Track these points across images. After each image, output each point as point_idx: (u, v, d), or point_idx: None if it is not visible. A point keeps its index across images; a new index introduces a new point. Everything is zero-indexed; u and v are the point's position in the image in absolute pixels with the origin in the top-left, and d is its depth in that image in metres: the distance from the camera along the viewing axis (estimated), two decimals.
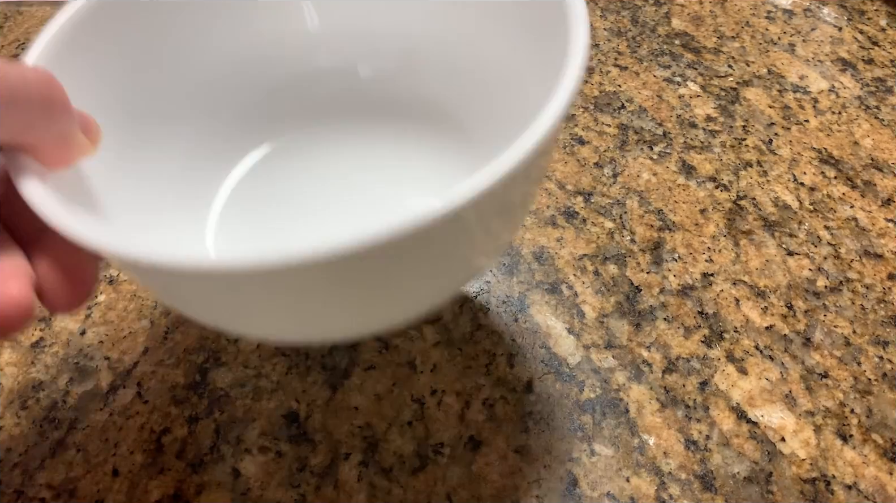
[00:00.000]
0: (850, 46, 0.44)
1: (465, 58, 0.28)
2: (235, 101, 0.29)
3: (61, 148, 0.19)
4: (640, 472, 0.24)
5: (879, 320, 0.29)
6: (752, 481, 0.24)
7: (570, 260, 0.31)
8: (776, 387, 0.26)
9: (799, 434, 0.25)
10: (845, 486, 0.23)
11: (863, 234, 0.32)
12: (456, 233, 0.18)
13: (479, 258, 0.21)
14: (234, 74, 0.29)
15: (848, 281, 0.30)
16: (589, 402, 0.26)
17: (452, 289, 0.22)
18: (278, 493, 0.23)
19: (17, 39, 0.47)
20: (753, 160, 0.36)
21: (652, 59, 0.43)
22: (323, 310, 0.19)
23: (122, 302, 0.30)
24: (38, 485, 0.24)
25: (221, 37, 0.28)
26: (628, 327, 0.28)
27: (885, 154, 0.36)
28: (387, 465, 0.24)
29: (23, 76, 0.16)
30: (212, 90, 0.28)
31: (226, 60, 0.28)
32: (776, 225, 0.33)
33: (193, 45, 0.27)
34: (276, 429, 0.25)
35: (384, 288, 0.18)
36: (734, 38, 0.45)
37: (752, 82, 0.41)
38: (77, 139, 0.19)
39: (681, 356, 0.27)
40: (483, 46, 0.27)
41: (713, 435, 0.25)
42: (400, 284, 0.19)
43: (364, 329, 0.21)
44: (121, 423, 0.25)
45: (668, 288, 0.30)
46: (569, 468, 0.24)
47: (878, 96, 0.40)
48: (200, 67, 0.28)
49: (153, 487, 0.24)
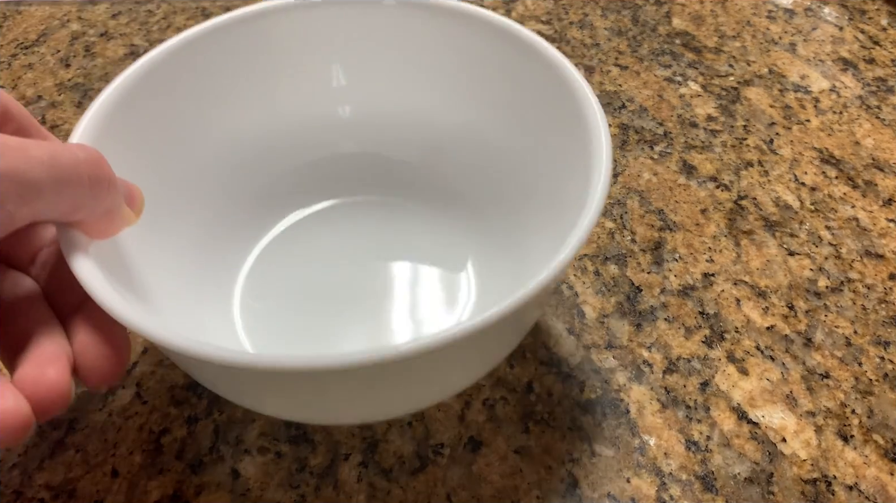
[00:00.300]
0: (852, 46, 0.44)
1: (484, 148, 0.29)
2: (261, 178, 0.30)
3: (107, 222, 0.19)
4: (641, 473, 0.24)
5: (880, 320, 0.28)
6: (753, 482, 0.23)
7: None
8: (777, 388, 0.26)
9: (800, 434, 0.25)
10: (846, 487, 0.23)
11: (864, 234, 0.32)
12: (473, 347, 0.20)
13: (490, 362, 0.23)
14: (262, 153, 0.30)
15: (849, 281, 0.30)
16: (589, 403, 0.26)
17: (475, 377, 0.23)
18: (278, 494, 0.23)
19: (15, 39, 0.47)
20: (754, 160, 0.36)
21: (653, 59, 0.43)
22: (350, 402, 0.20)
23: None
24: (37, 485, 0.24)
25: (253, 117, 0.29)
26: (629, 327, 0.28)
27: (886, 154, 0.36)
28: (387, 466, 0.24)
29: (75, 159, 0.17)
30: (240, 167, 0.29)
31: (255, 140, 0.30)
32: (777, 225, 0.33)
33: (225, 124, 0.28)
34: (275, 429, 0.25)
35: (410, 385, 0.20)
36: (735, 38, 0.45)
37: (753, 82, 0.41)
38: (122, 212, 0.20)
39: (681, 356, 0.27)
40: (500, 139, 0.28)
41: (714, 435, 0.25)
42: (413, 388, 0.21)
43: (386, 415, 0.24)
44: (120, 424, 0.25)
45: (669, 288, 0.30)
46: (569, 469, 0.24)
47: (879, 96, 0.40)
48: (230, 145, 0.29)
49: (152, 488, 0.23)
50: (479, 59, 0.27)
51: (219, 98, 0.28)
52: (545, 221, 0.25)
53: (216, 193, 0.29)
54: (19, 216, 0.16)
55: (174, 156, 0.26)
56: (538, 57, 0.25)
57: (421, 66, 0.29)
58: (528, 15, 0.47)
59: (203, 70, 0.27)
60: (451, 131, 0.30)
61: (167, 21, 0.48)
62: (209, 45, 0.27)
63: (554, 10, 0.48)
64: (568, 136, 0.24)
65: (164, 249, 0.25)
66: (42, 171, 0.16)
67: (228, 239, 0.29)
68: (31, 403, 0.16)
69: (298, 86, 0.29)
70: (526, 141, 0.27)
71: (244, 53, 0.28)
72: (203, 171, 0.28)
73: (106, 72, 0.43)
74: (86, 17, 0.49)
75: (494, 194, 0.29)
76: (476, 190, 0.30)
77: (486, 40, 0.27)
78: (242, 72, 0.28)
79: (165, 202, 0.25)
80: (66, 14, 0.49)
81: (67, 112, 0.40)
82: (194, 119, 0.27)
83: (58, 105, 0.41)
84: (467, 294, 0.28)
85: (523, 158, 0.27)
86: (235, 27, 0.27)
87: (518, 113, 0.27)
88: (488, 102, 0.28)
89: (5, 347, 0.18)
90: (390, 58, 0.29)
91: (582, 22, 0.47)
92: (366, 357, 0.16)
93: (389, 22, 0.28)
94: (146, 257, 0.23)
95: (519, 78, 0.26)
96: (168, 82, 0.26)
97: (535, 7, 0.48)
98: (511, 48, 0.26)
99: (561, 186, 0.24)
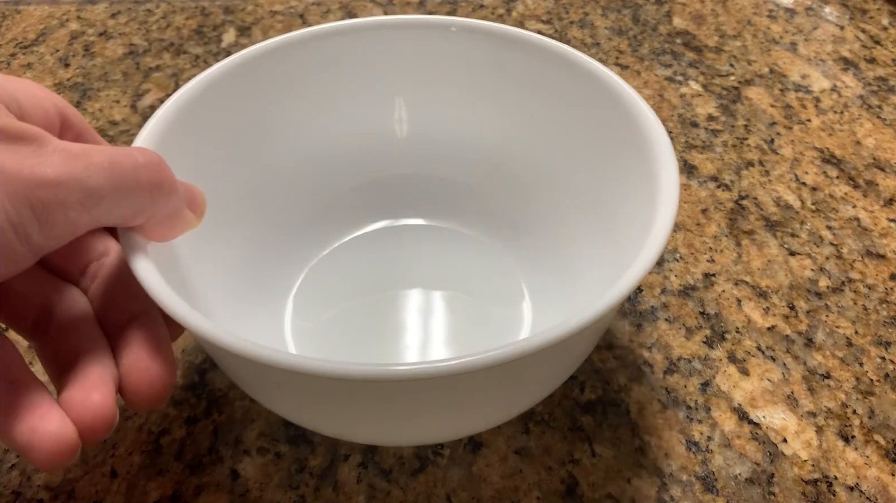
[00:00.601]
0: (852, 45, 0.44)
1: (540, 175, 0.29)
2: (315, 196, 0.30)
3: (168, 226, 0.19)
4: (641, 474, 0.24)
5: (881, 320, 0.28)
6: (754, 482, 0.23)
7: None
8: (778, 388, 0.26)
9: (801, 435, 0.25)
10: (847, 488, 0.23)
11: (865, 234, 0.32)
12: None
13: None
14: (317, 171, 0.30)
15: (850, 281, 0.30)
16: (590, 403, 0.26)
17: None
18: (277, 495, 0.23)
19: (14, 38, 0.47)
20: (755, 160, 0.36)
21: (653, 58, 0.43)
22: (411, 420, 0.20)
23: None
24: (36, 486, 0.24)
25: (311, 135, 0.29)
26: (629, 327, 0.28)
27: (887, 154, 0.36)
28: (386, 467, 0.24)
29: (134, 164, 0.17)
30: (294, 184, 0.30)
31: (312, 158, 0.30)
32: (778, 225, 0.32)
33: (284, 140, 0.29)
34: (274, 430, 0.25)
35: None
36: (736, 37, 0.45)
37: (753, 81, 0.41)
38: (184, 216, 0.20)
39: (682, 357, 0.27)
40: (557, 166, 0.28)
41: (715, 436, 0.25)
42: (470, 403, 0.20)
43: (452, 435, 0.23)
44: (119, 424, 0.25)
45: (670, 288, 0.30)
46: (569, 469, 0.24)
47: (880, 95, 0.40)
48: (287, 162, 0.29)
49: (151, 489, 0.23)
50: (537, 85, 0.27)
51: (280, 113, 0.28)
52: (602, 251, 0.25)
53: (269, 210, 0.29)
54: (81, 223, 0.16)
55: (231, 168, 0.27)
56: (598, 83, 0.25)
57: (480, 91, 0.29)
58: (528, 14, 0.47)
59: (268, 84, 0.27)
60: (506, 156, 0.30)
61: (166, 21, 0.48)
62: (277, 60, 0.27)
63: (554, 10, 0.48)
64: (630, 164, 0.23)
65: (217, 262, 0.25)
66: (102, 177, 0.16)
67: (279, 256, 0.29)
68: (77, 427, 0.16)
69: (359, 105, 0.30)
70: (584, 168, 0.27)
71: (312, 70, 0.28)
72: (258, 187, 0.28)
73: (105, 71, 0.43)
74: (85, 16, 0.49)
75: (549, 221, 0.29)
76: (531, 216, 0.30)
77: (545, 66, 0.27)
78: (307, 88, 0.28)
79: (221, 215, 0.26)
80: (65, 14, 0.49)
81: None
82: (254, 133, 0.28)
83: None
84: (520, 320, 0.27)
85: (581, 186, 0.27)
86: (308, 43, 0.28)
87: (576, 139, 0.27)
88: (546, 128, 0.28)
89: (53, 364, 0.18)
90: (451, 81, 0.29)
91: (582, 21, 0.47)
92: (456, 364, 0.16)
93: (452, 46, 0.28)
94: (199, 269, 0.24)
95: (578, 104, 0.26)
96: (233, 94, 0.26)
97: (535, 7, 0.48)
98: (570, 74, 0.26)
99: (621, 215, 0.24)
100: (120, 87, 0.42)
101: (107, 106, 0.40)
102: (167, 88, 0.42)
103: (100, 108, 0.40)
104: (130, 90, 0.42)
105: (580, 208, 0.27)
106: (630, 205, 0.23)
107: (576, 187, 0.27)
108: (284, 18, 0.48)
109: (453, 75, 0.29)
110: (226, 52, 0.45)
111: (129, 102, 0.41)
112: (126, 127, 0.39)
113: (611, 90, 0.25)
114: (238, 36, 0.46)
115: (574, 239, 0.27)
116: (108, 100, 0.41)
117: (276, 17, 0.48)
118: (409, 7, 0.49)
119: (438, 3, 0.49)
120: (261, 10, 0.49)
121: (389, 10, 0.49)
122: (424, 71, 0.29)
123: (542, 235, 0.29)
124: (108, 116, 0.40)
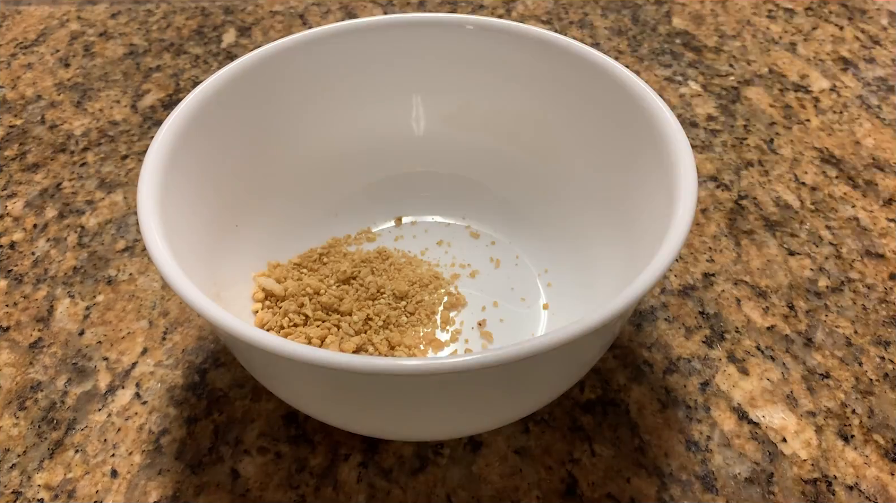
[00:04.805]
0: (852, 45, 0.44)
1: (556, 174, 0.29)
2: (332, 193, 0.31)
3: None
4: (641, 473, 0.24)
5: (881, 320, 0.28)
6: (754, 482, 0.23)
7: None
8: (777, 388, 0.26)
9: (800, 434, 0.25)
10: (847, 487, 0.23)
11: (864, 233, 0.32)
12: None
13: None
14: (335, 168, 0.31)
15: (849, 281, 0.30)
16: (589, 403, 0.26)
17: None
18: (277, 495, 0.23)
19: (15, 38, 0.47)
20: (755, 160, 0.36)
21: (653, 58, 0.43)
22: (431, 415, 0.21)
23: (121, 302, 0.29)
24: (36, 485, 0.24)
25: (330, 132, 0.30)
26: (629, 327, 0.28)
27: (886, 153, 0.36)
28: (386, 466, 0.24)
29: None
30: (311, 180, 0.30)
31: (329, 155, 0.30)
32: (777, 225, 0.32)
33: (302, 137, 0.29)
34: (275, 429, 0.25)
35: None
36: (735, 37, 0.45)
37: (753, 81, 0.41)
38: None
39: (682, 356, 0.27)
40: (574, 165, 0.28)
41: (714, 435, 0.25)
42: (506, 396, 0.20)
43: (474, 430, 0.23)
44: (119, 424, 0.25)
45: (669, 288, 0.30)
46: (569, 469, 0.24)
47: (879, 95, 0.40)
48: (304, 159, 0.29)
49: (152, 488, 0.23)
50: (553, 83, 0.28)
51: (296, 113, 0.28)
52: (619, 251, 0.25)
53: (285, 209, 0.29)
54: None
55: (247, 170, 0.27)
56: (616, 82, 0.25)
57: (496, 89, 0.29)
58: (528, 14, 0.47)
59: (283, 83, 0.28)
60: (522, 153, 0.30)
61: (166, 21, 0.48)
62: (292, 59, 0.27)
63: (554, 10, 0.48)
64: (648, 166, 0.23)
65: (237, 252, 0.26)
66: None
67: (296, 254, 0.29)
68: None
69: (377, 103, 0.30)
70: (602, 168, 0.27)
71: (332, 67, 0.28)
72: (274, 187, 0.28)
73: (105, 71, 0.43)
74: (85, 16, 0.49)
75: (566, 220, 0.29)
76: (548, 215, 0.30)
77: (561, 64, 0.27)
78: (323, 87, 0.29)
79: (240, 207, 0.26)
80: (65, 14, 0.49)
81: (67, 112, 0.40)
82: (270, 133, 0.28)
83: (57, 105, 0.41)
84: (536, 319, 0.27)
85: (598, 185, 0.27)
86: (328, 41, 0.28)
87: (594, 138, 0.27)
88: (563, 126, 0.28)
89: None
90: (467, 79, 0.29)
91: (582, 21, 0.47)
92: (493, 356, 0.16)
93: (469, 45, 0.28)
94: (218, 261, 0.24)
95: (596, 103, 0.26)
96: (249, 93, 0.26)
97: (535, 7, 0.48)
98: (587, 72, 0.26)
99: (637, 217, 0.24)
100: (120, 88, 0.42)
101: (107, 106, 0.40)
102: (167, 89, 0.42)
103: (100, 109, 0.40)
104: (131, 90, 0.42)
105: (597, 208, 0.27)
106: (648, 205, 0.23)
107: (593, 187, 0.27)
108: (284, 19, 0.48)
109: (470, 73, 0.29)
110: (226, 53, 0.45)
111: (130, 102, 0.41)
112: (126, 127, 0.39)
113: (628, 89, 0.24)
114: (238, 36, 0.46)
115: (591, 238, 0.27)
116: (109, 100, 0.41)
117: (276, 17, 0.48)
118: (409, 7, 0.49)
119: (438, 4, 0.49)
120: (261, 11, 0.49)
121: (389, 10, 0.49)
122: (441, 69, 0.29)
123: (558, 234, 0.29)
124: (108, 116, 0.40)
